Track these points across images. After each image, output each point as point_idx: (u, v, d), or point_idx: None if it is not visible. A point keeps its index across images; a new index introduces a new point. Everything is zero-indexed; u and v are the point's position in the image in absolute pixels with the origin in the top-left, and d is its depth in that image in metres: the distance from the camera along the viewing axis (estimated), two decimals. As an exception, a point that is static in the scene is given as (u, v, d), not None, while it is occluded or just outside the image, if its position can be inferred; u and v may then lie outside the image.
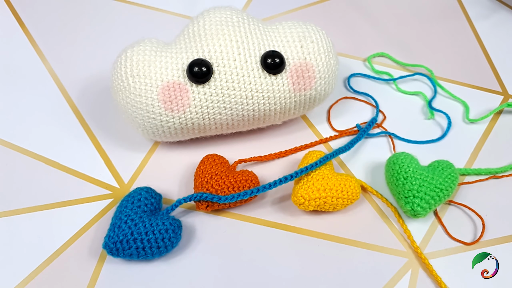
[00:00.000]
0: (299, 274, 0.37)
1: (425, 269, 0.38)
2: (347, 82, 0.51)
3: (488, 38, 0.57)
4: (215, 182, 0.39)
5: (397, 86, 0.51)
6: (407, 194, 0.39)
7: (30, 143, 0.44)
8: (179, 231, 0.37)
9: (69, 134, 0.45)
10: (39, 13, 0.57)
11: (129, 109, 0.39)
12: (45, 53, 0.52)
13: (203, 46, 0.39)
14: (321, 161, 0.40)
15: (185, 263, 0.37)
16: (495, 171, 0.44)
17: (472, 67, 0.54)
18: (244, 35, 0.40)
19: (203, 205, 0.39)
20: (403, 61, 0.54)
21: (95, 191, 0.41)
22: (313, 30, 0.41)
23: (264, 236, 0.39)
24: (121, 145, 0.45)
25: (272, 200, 0.41)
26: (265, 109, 0.40)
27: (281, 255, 0.38)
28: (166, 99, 0.38)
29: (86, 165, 0.43)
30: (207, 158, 0.41)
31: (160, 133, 0.40)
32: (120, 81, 0.39)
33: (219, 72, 0.38)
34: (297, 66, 0.40)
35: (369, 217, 0.41)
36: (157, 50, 0.40)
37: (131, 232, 0.35)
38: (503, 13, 0.61)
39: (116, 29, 0.55)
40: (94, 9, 0.58)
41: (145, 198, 0.38)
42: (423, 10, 0.61)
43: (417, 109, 0.50)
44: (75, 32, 0.55)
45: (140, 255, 0.36)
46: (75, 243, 0.38)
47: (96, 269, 0.37)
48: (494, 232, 0.40)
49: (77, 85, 0.49)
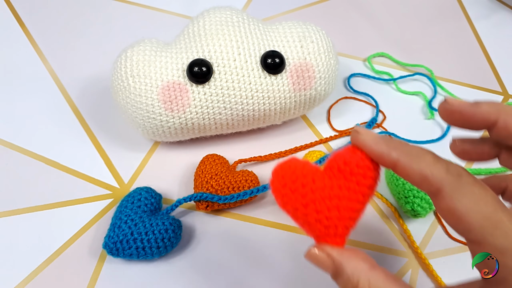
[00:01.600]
0: (299, 274, 0.37)
1: (425, 269, 0.38)
2: (347, 82, 0.51)
3: (488, 38, 0.57)
4: (215, 182, 0.39)
5: (397, 86, 0.51)
6: (407, 194, 0.39)
7: (30, 143, 0.44)
8: (179, 231, 0.37)
9: (69, 134, 0.45)
10: (39, 13, 0.57)
11: (129, 109, 0.39)
12: (45, 53, 0.52)
13: (203, 46, 0.39)
14: (321, 161, 0.40)
15: (185, 263, 0.37)
16: (495, 171, 0.44)
17: (472, 67, 0.54)
18: (244, 35, 0.40)
19: (203, 205, 0.39)
20: (403, 61, 0.54)
21: (95, 191, 0.41)
22: (313, 30, 0.41)
23: (264, 236, 0.39)
24: (121, 145, 0.45)
25: (272, 200, 0.41)
26: (265, 109, 0.40)
27: (281, 255, 0.38)
28: (166, 99, 0.38)
29: (86, 165, 0.43)
30: (207, 158, 0.41)
31: (160, 133, 0.40)
32: (120, 81, 0.39)
33: (219, 72, 0.38)
34: (297, 66, 0.40)
35: (369, 217, 0.41)
36: (157, 50, 0.40)
37: (131, 232, 0.35)
38: (503, 13, 0.61)
39: (116, 29, 0.56)
40: (94, 9, 0.58)
41: (145, 198, 0.38)
42: (423, 10, 0.61)
43: (417, 109, 0.50)
44: (75, 32, 0.55)
45: (140, 255, 0.36)
46: (75, 243, 0.38)
47: (96, 269, 0.37)
48: (494, 232, 0.40)
49: (77, 85, 0.49)
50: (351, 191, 0.23)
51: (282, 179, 0.24)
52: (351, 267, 0.23)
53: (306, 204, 0.23)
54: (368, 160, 0.23)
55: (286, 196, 0.23)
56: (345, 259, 0.23)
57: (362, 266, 0.23)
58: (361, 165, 0.23)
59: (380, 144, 0.23)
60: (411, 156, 0.22)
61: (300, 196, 0.23)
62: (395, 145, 0.23)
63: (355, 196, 0.23)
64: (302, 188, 0.23)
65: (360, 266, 0.23)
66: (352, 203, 0.23)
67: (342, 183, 0.23)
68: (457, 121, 0.25)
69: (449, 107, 0.24)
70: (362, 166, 0.23)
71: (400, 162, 0.22)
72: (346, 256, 0.23)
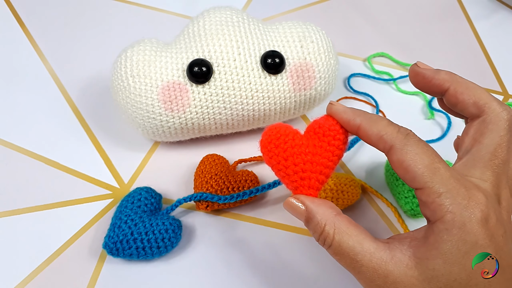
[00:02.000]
0: (299, 274, 0.37)
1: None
2: (347, 82, 0.51)
3: (488, 38, 0.57)
4: (215, 182, 0.39)
5: (397, 86, 0.51)
6: (407, 194, 0.39)
7: (30, 143, 0.44)
8: (179, 231, 0.37)
9: (69, 134, 0.45)
10: (39, 13, 0.57)
11: (129, 109, 0.39)
12: (45, 53, 0.52)
13: (203, 46, 0.39)
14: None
15: (185, 263, 0.37)
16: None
17: (472, 67, 0.54)
18: (244, 35, 0.40)
19: (203, 205, 0.39)
20: (403, 61, 0.54)
21: (95, 191, 0.41)
22: (313, 30, 0.41)
23: (264, 236, 0.39)
24: (121, 145, 0.45)
25: (272, 200, 0.42)
26: (265, 109, 0.40)
27: (281, 255, 0.38)
28: (166, 99, 0.38)
29: (86, 165, 0.43)
30: (207, 158, 0.41)
31: (160, 133, 0.40)
32: (120, 81, 0.39)
33: (219, 72, 0.38)
34: (297, 66, 0.40)
35: (369, 217, 0.41)
36: (157, 50, 0.40)
37: (131, 232, 0.35)
38: (503, 13, 0.61)
39: (116, 29, 0.56)
40: (94, 9, 0.58)
41: (145, 198, 0.38)
42: (423, 10, 0.61)
43: (417, 109, 0.50)
44: (75, 32, 0.55)
45: (140, 255, 0.36)
46: (75, 243, 0.38)
47: (96, 269, 0.37)
48: (494, 232, 0.40)
49: (77, 85, 0.49)
50: (323, 149, 0.29)
51: (268, 138, 0.29)
52: (321, 213, 0.27)
53: (286, 158, 0.28)
54: (338, 125, 0.29)
55: (270, 151, 0.29)
56: (315, 206, 0.27)
57: (329, 212, 0.27)
58: (332, 128, 0.29)
59: (348, 112, 0.28)
60: (371, 120, 0.27)
61: (282, 151, 0.29)
62: (359, 113, 0.28)
63: (326, 153, 0.29)
64: (283, 144, 0.29)
65: (328, 212, 0.27)
66: (324, 159, 0.28)
67: (316, 142, 0.29)
68: (419, 83, 0.30)
69: (416, 69, 0.30)
70: (333, 129, 0.29)
71: (362, 125, 0.27)
72: (317, 204, 0.28)
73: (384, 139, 0.26)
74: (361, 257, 0.25)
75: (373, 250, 0.25)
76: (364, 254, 0.25)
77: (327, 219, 0.27)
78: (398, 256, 0.25)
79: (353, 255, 0.25)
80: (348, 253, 0.25)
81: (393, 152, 0.25)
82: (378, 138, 0.26)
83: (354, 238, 0.26)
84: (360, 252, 0.25)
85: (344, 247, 0.26)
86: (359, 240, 0.26)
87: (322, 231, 0.26)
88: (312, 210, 0.27)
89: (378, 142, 0.26)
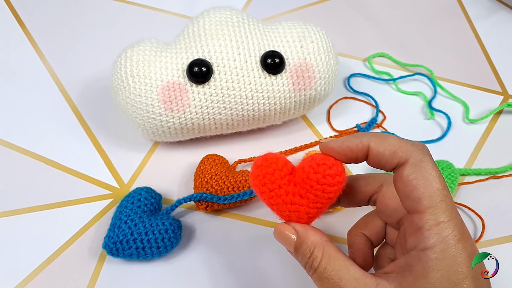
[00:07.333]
0: (299, 274, 0.37)
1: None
2: (347, 82, 0.51)
3: (488, 38, 0.57)
4: (215, 182, 0.39)
5: (397, 86, 0.51)
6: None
7: (30, 143, 0.44)
8: (179, 231, 0.37)
9: (69, 134, 0.45)
10: (39, 13, 0.57)
11: (129, 109, 0.39)
12: (45, 53, 0.52)
13: (203, 46, 0.39)
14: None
15: (185, 263, 0.37)
16: (495, 171, 0.44)
17: (472, 67, 0.54)
18: (244, 35, 0.40)
19: (203, 205, 0.39)
20: (403, 61, 0.54)
21: (95, 191, 0.41)
22: (313, 30, 0.41)
23: (264, 236, 0.39)
24: (121, 145, 0.45)
25: (272, 200, 0.41)
26: (265, 109, 0.40)
27: (281, 255, 0.38)
28: (166, 99, 0.38)
29: (86, 165, 0.43)
30: (207, 158, 0.41)
31: (160, 133, 0.40)
32: (120, 81, 0.39)
33: (219, 72, 0.38)
34: (297, 66, 0.40)
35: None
36: (157, 50, 0.40)
37: (131, 232, 0.35)
38: (503, 13, 0.61)
39: (116, 29, 0.56)
40: (94, 9, 0.58)
41: (145, 198, 0.38)
42: (423, 10, 0.61)
43: (417, 109, 0.50)
44: (75, 32, 0.55)
45: (140, 255, 0.36)
46: (75, 243, 0.38)
47: (96, 269, 0.37)
48: (494, 232, 0.40)
49: (77, 85, 0.49)
50: (310, 201, 0.27)
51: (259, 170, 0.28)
52: (311, 238, 0.27)
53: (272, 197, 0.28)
54: (330, 177, 0.26)
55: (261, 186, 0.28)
56: (306, 233, 0.27)
57: (320, 237, 0.27)
58: (321, 182, 0.26)
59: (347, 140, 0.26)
60: (381, 137, 0.26)
61: (268, 191, 0.28)
62: (361, 134, 0.26)
63: (313, 204, 0.27)
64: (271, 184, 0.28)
65: (318, 237, 0.27)
66: (311, 209, 0.27)
67: (303, 193, 0.27)
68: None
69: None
70: (322, 183, 0.26)
71: (372, 144, 0.26)
72: (308, 229, 0.27)
73: (398, 154, 0.25)
74: (345, 282, 0.25)
75: (358, 276, 0.25)
76: (349, 280, 0.25)
77: (317, 243, 0.26)
78: (384, 284, 0.24)
79: (338, 279, 0.25)
80: (333, 277, 0.25)
81: (407, 165, 0.24)
82: (391, 153, 0.25)
83: (342, 263, 0.25)
84: (344, 277, 0.25)
85: (329, 271, 0.25)
86: (346, 266, 0.25)
87: (311, 255, 0.26)
88: (302, 234, 0.27)
89: (392, 158, 0.25)
